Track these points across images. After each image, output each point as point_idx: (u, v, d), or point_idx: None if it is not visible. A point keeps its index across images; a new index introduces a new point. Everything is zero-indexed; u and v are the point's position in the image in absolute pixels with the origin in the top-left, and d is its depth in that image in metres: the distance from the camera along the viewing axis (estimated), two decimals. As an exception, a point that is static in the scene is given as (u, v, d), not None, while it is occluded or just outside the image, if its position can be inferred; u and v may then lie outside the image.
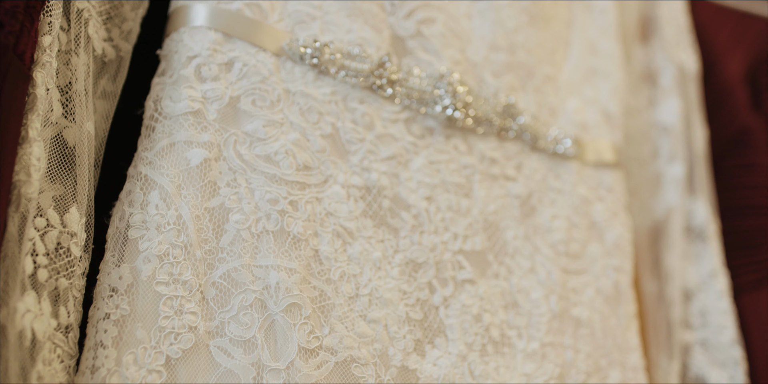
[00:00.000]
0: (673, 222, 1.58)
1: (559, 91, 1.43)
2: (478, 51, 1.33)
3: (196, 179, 1.07)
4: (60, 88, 1.03)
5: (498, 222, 1.28)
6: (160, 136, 1.08)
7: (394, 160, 1.21)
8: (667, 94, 1.64)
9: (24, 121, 0.94)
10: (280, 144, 1.12)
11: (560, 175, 1.37)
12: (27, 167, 0.93)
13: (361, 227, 1.16)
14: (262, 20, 1.17)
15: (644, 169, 1.63)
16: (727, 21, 2.00)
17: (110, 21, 1.14)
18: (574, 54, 1.48)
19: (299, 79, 1.18)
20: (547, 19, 1.44)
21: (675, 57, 1.67)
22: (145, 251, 1.02)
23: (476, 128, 1.29)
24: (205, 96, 1.11)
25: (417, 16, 1.28)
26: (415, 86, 1.24)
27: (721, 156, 1.77)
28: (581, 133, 1.41)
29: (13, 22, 0.92)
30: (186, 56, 1.12)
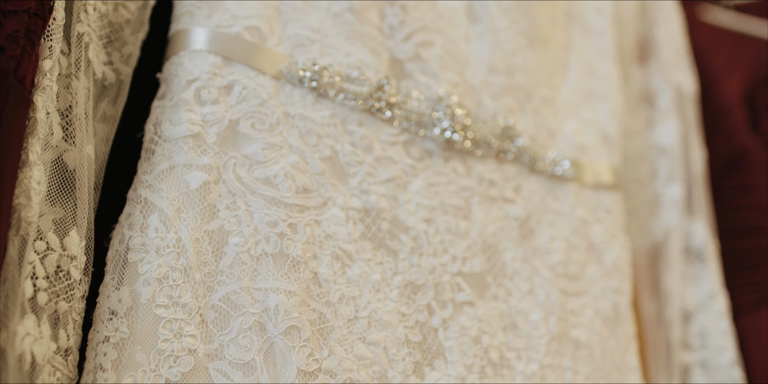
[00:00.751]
0: (672, 243, 1.58)
1: (557, 113, 1.43)
2: (476, 74, 1.34)
3: (196, 202, 1.07)
4: (60, 112, 1.04)
5: (497, 244, 1.28)
6: (159, 159, 1.09)
7: (393, 182, 1.21)
8: (665, 115, 1.65)
9: (24, 144, 0.94)
10: (279, 167, 1.13)
11: (559, 197, 1.37)
12: (27, 191, 0.93)
13: (360, 250, 1.16)
14: (262, 44, 1.18)
15: (643, 191, 1.64)
16: (725, 42, 2.01)
17: (110, 45, 1.15)
18: (572, 76, 1.48)
19: (298, 102, 1.18)
20: (545, 41, 1.45)
21: (673, 78, 1.68)
22: (145, 274, 1.02)
23: (475, 150, 1.29)
24: (204, 119, 1.11)
25: (415, 39, 1.29)
26: (414, 109, 1.25)
27: (719, 177, 1.77)
28: (579, 155, 1.42)
29: (14, 46, 0.92)
30: (185, 80, 1.13)
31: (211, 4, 1.17)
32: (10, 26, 0.92)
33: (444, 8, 1.34)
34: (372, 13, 1.26)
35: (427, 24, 1.30)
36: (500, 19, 1.38)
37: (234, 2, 1.18)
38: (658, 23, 1.70)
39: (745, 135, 1.82)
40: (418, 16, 1.29)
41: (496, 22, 1.38)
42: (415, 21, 1.29)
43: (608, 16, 1.57)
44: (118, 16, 1.16)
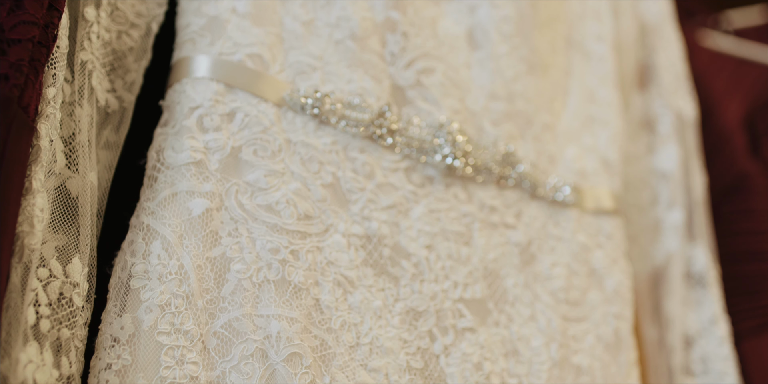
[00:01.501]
0: (673, 268, 1.58)
1: (557, 139, 1.44)
2: (477, 100, 1.35)
3: (198, 229, 1.07)
4: (63, 139, 1.04)
5: (498, 270, 1.28)
6: (162, 187, 1.09)
7: (395, 209, 1.22)
8: (665, 141, 1.65)
9: (28, 172, 0.95)
10: (281, 193, 1.13)
11: (560, 223, 1.38)
12: (30, 218, 0.94)
13: (361, 276, 1.16)
14: (264, 71, 1.19)
15: (644, 216, 1.64)
16: (725, 67, 2.01)
17: (113, 72, 1.16)
18: (573, 102, 1.49)
19: (300, 129, 1.19)
20: (545, 67, 1.46)
21: (673, 104, 1.68)
22: (147, 301, 1.03)
23: (476, 177, 1.30)
24: (207, 146, 1.12)
25: (416, 66, 1.29)
26: (415, 135, 1.25)
27: (720, 202, 1.78)
28: (580, 181, 1.42)
29: (18, 75, 0.93)
30: (188, 107, 1.13)
31: (214, 31, 1.18)
32: (15, 55, 0.93)
33: (445, 35, 1.35)
34: (373, 40, 1.27)
35: (428, 51, 1.31)
36: (501, 46, 1.39)
37: (236, 30, 1.18)
38: (658, 49, 1.71)
39: (746, 160, 1.82)
40: (419, 43, 1.30)
41: (497, 49, 1.39)
42: (416, 48, 1.30)
43: (608, 42, 1.58)
44: (121, 43, 1.17)
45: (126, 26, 1.18)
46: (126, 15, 1.18)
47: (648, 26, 1.72)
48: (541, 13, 1.47)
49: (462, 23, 1.39)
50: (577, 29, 1.56)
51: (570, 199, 1.38)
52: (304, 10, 1.25)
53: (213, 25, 1.18)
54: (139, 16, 1.19)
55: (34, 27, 0.95)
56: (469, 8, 1.40)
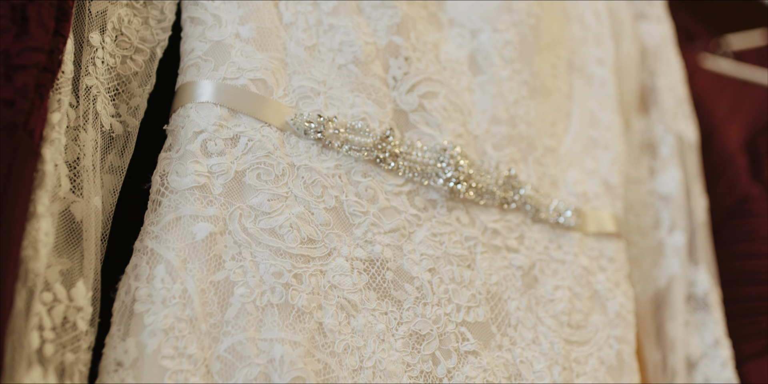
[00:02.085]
0: (675, 291, 1.59)
1: (559, 162, 1.44)
2: (479, 124, 1.36)
3: (202, 253, 1.08)
4: (68, 164, 1.05)
5: (501, 293, 1.28)
6: (166, 211, 1.09)
7: (398, 232, 1.22)
8: (666, 164, 1.66)
9: (32, 197, 0.95)
10: (284, 217, 1.14)
11: (562, 246, 1.38)
12: (35, 243, 0.94)
13: (364, 300, 1.16)
14: (267, 96, 1.19)
15: (646, 239, 1.64)
16: (726, 89, 2.02)
17: (118, 97, 1.16)
18: (574, 125, 1.50)
19: (303, 153, 1.19)
20: (547, 91, 1.47)
21: (674, 127, 1.69)
22: (151, 325, 1.03)
23: (478, 200, 1.30)
24: (210, 170, 1.12)
25: (419, 91, 1.30)
26: (418, 159, 1.26)
27: (721, 224, 1.78)
28: (582, 204, 1.43)
29: (23, 100, 0.93)
30: (192, 131, 1.14)
31: (218, 56, 1.19)
32: (20, 80, 0.93)
33: (447, 60, 1.36)
34: (376, 65, 1.28)
35: (430, 75, 1.32)
36: (503, 70, 1.40)
37: (240, 55, 1.19)
38: (659, 73, 1.72)
39: (747, 183, 1.83)
40: (422, 68, 1.31)
41: (499, 73, 1.39)
42: (418, 72, 1.31)
43: (609, 66, 1.59)
44: (126, 68, 1.18)
45: (131, 51, 1.18)
46: (131, 40, 1.18)
47: (649, 50, 1.73)
48: (543, 38, 1.48)
49: (464, 48, 1.40)
50: (579, 53, 1.57)
51: (572, 222, 1.38)
52: (307, 35, 1.26)
53: (217, 50, 1.19)
54: (144, 41, 1.20)
55: (40, 53, 0.96)
56: (471, 33, 1.41)
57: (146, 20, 1.21)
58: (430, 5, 1.41)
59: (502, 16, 1.43)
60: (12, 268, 0.90)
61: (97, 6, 1.14)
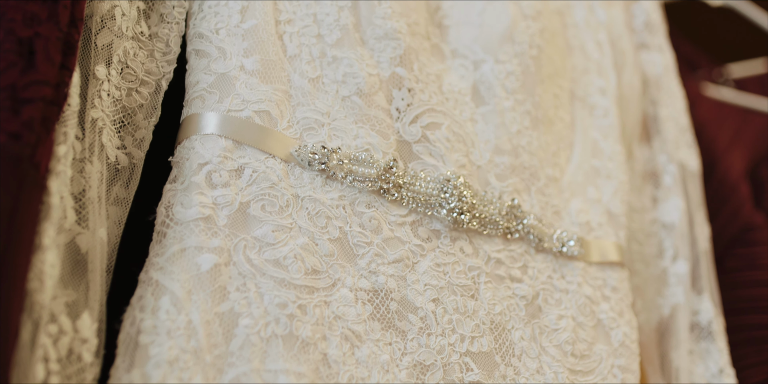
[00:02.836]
0: (679, 320, 1.58)
1: (562, 192, 1.45)
2: (482, 154, 1.36)
3: (207, 284, 1.08)
4: (74, 196, 1.05)
5: (505, 323, 1.29)
6: (171, 242, 1.10)
7: (401, 263, 1.22)
8: (669, 193, 1.66)
9: (38, 229, 0.96)
10: (288, 248, 1.14)
11: (565, 276, 1.38)
12: (40, 275, 0.94)
13: (368, 330, 1.16)
14: (272, 127, 1.20)
15: (649, 267, 1.64)
16: (728, 117, 2.03)
17: (124, 129, 1.17)
18: (577, 155, 1.50)
19: (308, 184, 1.20)
20: (549, 121, 1.48)
21: (676, 156, 1.69)
22: (156, 357, 1.03)
23: (482, 230, 1.31)
24: (215, 202, 1.13)
25: (422, 122, 1.31)
26: (422, 190, 1.26)
27: (725, 253, 1.78)
28: (585, 234, 1.43)
29: (30, 133, 0.94)
30: (197, 163, 1.14)
31: (223, 88, 1.20)
32: (27, 114, 0.94)
33: (450, 91, 1.37)
34: (380, 96, 1.29)
35: (433, 106, 1.33)
36: (505, 101, 1.41)
37: (245, 87, 1.20)
38: (661, 102, 1.73)
39: (750, 211, 1.83)
40: (425, 99, 1.32)
41: (502, 104, 1.40)
42: (422, 103, 1.31)
43: (611, 95, 1.59)
44: (131, 101, 1.19)
45: (136, 84, 1.19)
46: (136, 73, 1.19)
47: (651, 79, 1.74)
48: (545, 68, 1.49)
49: (467, 78, 1.41)
50: (581, 83, 1.58)
51: (575, 251, 1.39)
52: (311, 66, 1.27)
53: (222, 82, 1.20)
54: (149, 73, 1.21)
55: (46, 86, 0.97)
56: (473, 64, 1.43)
57: (151, 53, 1.22)
58: (432, 37, 1.42)
59: (505, 47, 1.44)
60: (17, 301, 0.90)
61: (103, 39, 1.16)
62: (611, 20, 1.70)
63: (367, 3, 1.33)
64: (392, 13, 1.34)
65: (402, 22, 1.34)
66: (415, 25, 1.37)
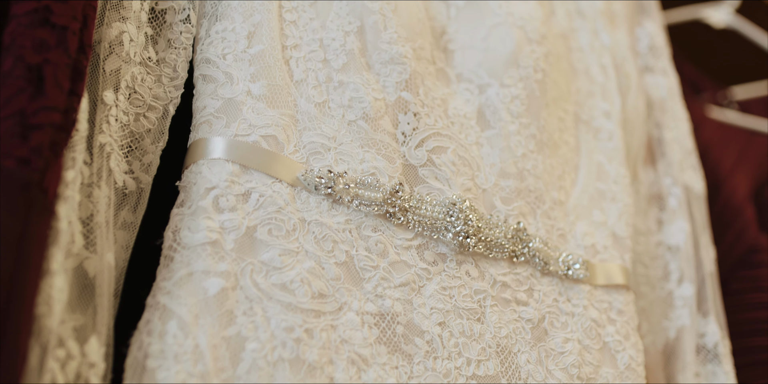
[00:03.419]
0: (685, 342, 1.58)
1: (568, 215, 1.45)
2: (488, 178, 1.37)
3: (214, 308, 1.08)
4: (82, 220, 1.06)
5: (510, 346, 1.29)
6: (178, 266, 1.10)
7: (408, 286, 1.23)
8: (674, 216, 1.66)
9: (46, 254, 0.96)
10: (295, 272, 1.14)
11: (571, 299, 1.38)
12: (48, 299, 0.95)
13: (375, 354, 1.16)
14: (278, 152, 1.21)
15: (655, 290, 1.64)
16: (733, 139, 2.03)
17: (131, 154, 1.18)
18: (582, 178, 1.51)
19: (314, 208, 1.20)
20: (554, 145, 1.48)
21: (681, 179, 1.70)
22: (163, 381, 1.02)
23: (487, 253, 1.31)
24: (222, 226, 1.13)
25: (428, 146, 1.31)
26: (428, 213, 1.27)
27: (730, 275, 1.78)
28: (591, 257, 1.43)
29: (39, 159, 0.94)
30: (204, 188, 1.15)
31: (229, 113, 1.20)
32: (36, 139, 0.95)
33: (455, 114, 1.37)
34: (385, 120, 1.30)
35: (439, 130, 1.33)
36: (511, 125, 1.41)
37: (251, 112, 1.21)
38: (666, 125, 1.73)
39: (756, 233, 1.83)
40: (431, 123, 1.33)
41: (507, 128, 1.41)
42: (427, 128, 1.32)
43: (616, 119, 1.60)
44: (139, 125, 1.19)
45: (144, 109, 1.20)
46: (144, 98, 1.20)
47: (655, 102, 1.75)
48: (550, 92, 1.50)
49: (472, 103, 1.42)
50: (585, 107, 1.59)
51: (581, 274, 1.39)
52: (317, 91, 1.28)
53: (228, 107, 1.21)
54: (157, 99, 1.22)
55: (55, 112, 0.97)
56: (478, 88, 1.43)
57: (159, 78, 1.23)
58: (438, 61, 1.43)
59: (510, 71, 1.45)
60: (26, 325, 0.91)
61: (111, 65, 1.16)
62: (615, 44, 1.71)
63: (372, 28, 1.34)
64: (398, 38, 1.34)
65: (407, 46, 1.35)
66: (421, 50, 1.38)
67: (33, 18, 1.00)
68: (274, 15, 1.29)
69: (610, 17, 1.73)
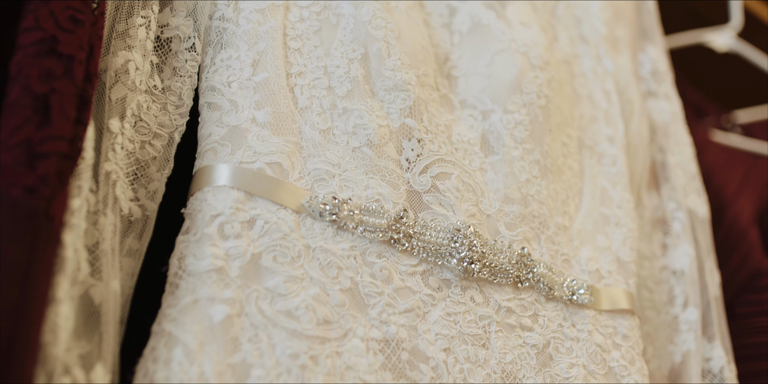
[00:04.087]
0: (691, 367, 1.58)
1: (572, 240, 1.46)
2: (492, 203, 1.37)
3: (219, 335, 1.08)
4: (87, 248, 1.06)
5: (516, 372, 1.29)
6: (183, 293, 1.10)
7: (413, 312, 1.23)
8: (678, 240, 1.66)
9: (52, 282, 0.97)
10: (300, 299, 1.14)
11: (576, 324, 1.38)
12: (54, 327, 0.95)
13: (380, 380, 1.16)
14: (283, 179, 1.21)
15: (660, 314, 1.64)
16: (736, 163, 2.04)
17: (137, 181, 1.18)
18: (586, 203, 1.51)
19: (319, 234, 1.20)
20: (558, 170, 1.49)
21: (685, 203, 1.70)
22: (169, 408, 1.03)
23: (492, 279, 1.31)
24: (227, 253, 1.13)
25: (432, 172, 1.32)
26: (432, 240, 1.27)
27: (735, 299, 1.78)
28: (595, 282, 1.43)
29: (45, 188, 0.95)
30: (209, 215, 1.15)
31: (234, 141, 1.21)
32: (42, 168, 0.95)
33: (459, 140, 1.38)
34: (389, 147, 1.30)
35: (443, 156, 1.34)
36: (514, 150, 1.42)
37: (256, 139, 1.21)
38: (669, 149, 1.74)
39: (760, 257, 1.83)
40: (435, 149, 1.33)
41: (511, 153, 1.42)
42: (431, 154, 1.33)
43: (619, 144, 1.61)
44: (144, 153, 1.20)
45: (149, 137, 1.21)
46: (149, 126, 1.21)
47: (659, 127, 1.75)
48: (553, 118, 1.50)
49: (476, 128, 1.42)
50: (589, 132, 1.60)
51: (585, 299, 1.39)
52: (322, 118, 1.28)
53: (234, 134, 1.22)
54: (162, 126, 1.22)
55: (62, 141, 0.98)
56: (482, 114, 1.44)
57: (164, 106, 1.24)
58: (441, 87, 1.43)
59: (513, 97, 1.46)
60: (32, 354, 0.91)
61: (117, 93, 1.17)
62: (618, 69, 1.71)
63: (376, 55, 1.35)
64: (401, 65, 1.35)
65: (411, 73, 1.36)
66: (425, 77, 1.39)
67: (40, 48, 1.00)
68: (279, 43, 1.30)
69: (613, 43, 1.74)
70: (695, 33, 2.27)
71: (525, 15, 1.55)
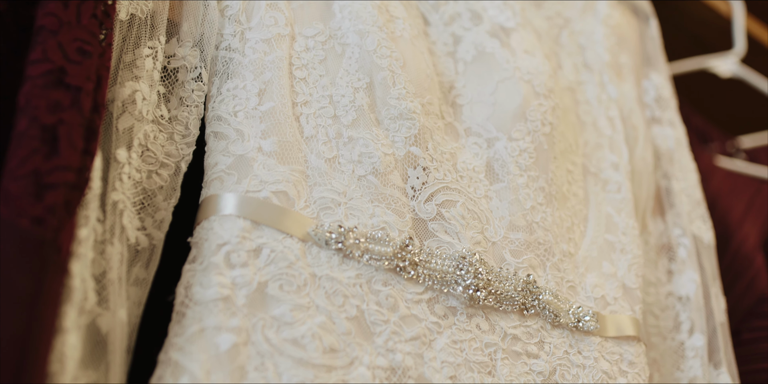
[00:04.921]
0: (698, 393, 1.58)
1: (577, 267, 1.46)
2: (497, 231, 1.38)
3: (226, 364, 1.08)
4: (95, 277, 1.07)
5: (522, 399, 1.29)
6: (190, 322, 1.10)
7: (418, 340, 1.23)
8: (684, 266, 1.66)
9: (59, 311, 0.97)
10: (306, 327, 1.14)
11: (582, 351, 1.38)
12: (62, 357, 0.96)
13: (386, 408, 1.17)
14: (289, 207, 1.21)
15: (666, 341, 1.64)
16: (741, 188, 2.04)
17: (144, 210, 1.19)
18: (591, 230, 1.51)
19: (325, 263, 1.21)
20: (563, 197, 1.49)
21: (690, 229, 1.70)
22: (176, 437, 1.03)
23: (497, 306, 1.31)
24: (234, 282, 1.13)
25: (437, 200, 1.33)
26: (437, 267, 1.27)
27: (742, 326, 1.77)
28: (601, 308, 1.43)
29: (53, 218, 0.96)
30: (216, 244, 1.16)
31: (241, 170, 1.22)
32: (50, 199, 0.96)
33: (464, 168, 1.38)
34: (395, 175, 1.31)
35: (448, 184, 1.34)
36: (519, 178, 1.42)
37: (262, 168, 1.22)
38: (674, 176, 1.74)
39: (766, 282, 1.83)
40: (440, 177, 1.34)
41: (516, 181, 1.42)
42: (436, 182, 1.33)
43: (624, 170, 1.61)
44: (151, 183, 1.20)
45: (156, 166, 1.21)
46: (156, 155, 1.22)
47: (663, 153, 1.76)
48: (558, 145, 1.51)
49: (480, 156, 1.43)
50: (593, 159, 1.60)
51: (591, 326, 1.39)
52: (327, 147, 1.29)
53: (240, 163, 1.22)
54: (169, 156, 1.23)
55: (69, 172, 0.99)
56: (487, 142, 1.45)
57: (171, 136, 1.24)
58: (446, 115, 1.44)
59: (518, 124, 1.46)
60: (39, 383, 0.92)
61: (124, 123, 1.18)
62: (622, 96, 1.72)
63: (381, 84, 1.35)
64: (406, 94, 1.36)
65: (416, 102, 1.37)
66: (429, 105, 1.40)
67: (48, 79, 1.01)
68: (285, 72, 1.31)
69: (617, 70, 1.75)
70: (699, 59, 2.28)
71: (529, 43, 1.56)
